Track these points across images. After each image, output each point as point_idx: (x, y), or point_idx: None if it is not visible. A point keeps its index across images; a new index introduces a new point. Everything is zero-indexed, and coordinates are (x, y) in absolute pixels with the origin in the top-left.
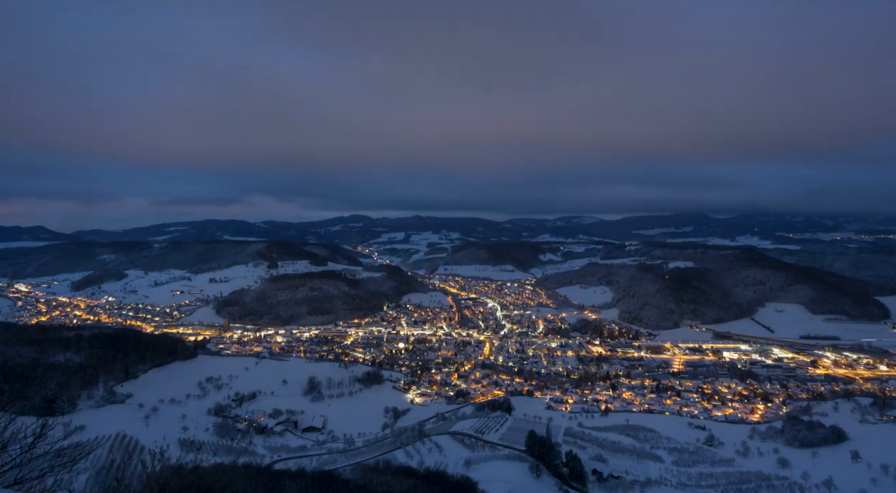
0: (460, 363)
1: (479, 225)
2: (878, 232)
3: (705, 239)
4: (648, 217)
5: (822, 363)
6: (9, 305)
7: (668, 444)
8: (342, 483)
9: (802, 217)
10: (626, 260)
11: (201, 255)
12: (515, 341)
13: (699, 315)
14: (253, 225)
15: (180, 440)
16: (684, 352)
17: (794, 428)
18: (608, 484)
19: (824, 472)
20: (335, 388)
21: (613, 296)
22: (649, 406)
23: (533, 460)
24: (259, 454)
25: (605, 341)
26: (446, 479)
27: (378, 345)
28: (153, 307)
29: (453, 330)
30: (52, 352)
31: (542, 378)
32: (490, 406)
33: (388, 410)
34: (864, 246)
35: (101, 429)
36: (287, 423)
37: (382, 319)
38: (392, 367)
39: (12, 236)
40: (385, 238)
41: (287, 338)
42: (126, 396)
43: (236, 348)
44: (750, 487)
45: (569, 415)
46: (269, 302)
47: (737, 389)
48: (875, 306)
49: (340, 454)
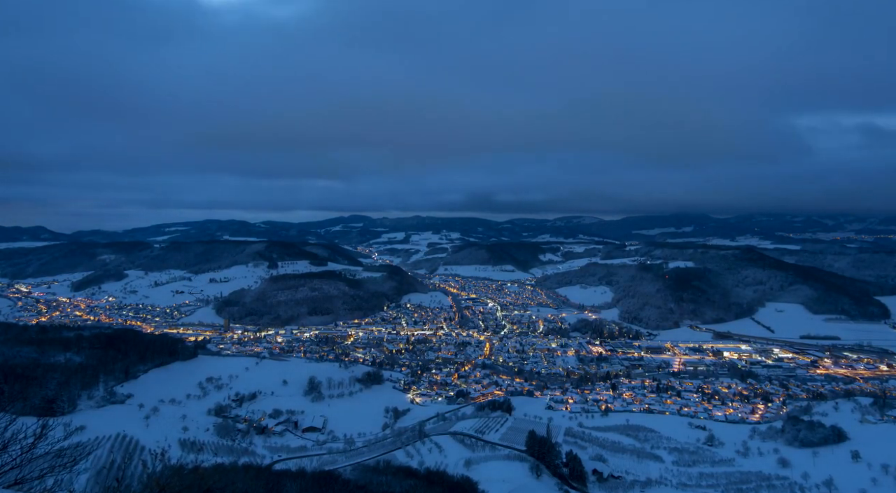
0: (460, 364)
1: (479, 225)
2: (878, 232)
3: (705, 239)
4: (648, 217)
5: (823, 363)
6: (9, 305)
7: (669, 444)
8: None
9: (803, 217)
10: (626, 260)
11: (201, 255)
12: (515, 342)
13: (699, 315)
14: (253, 225)
15: (180, 440)
16: (684, 352)
17: (795, 428)
18: (608, 484)
19: (824, 472)
20: (335, 388)
21: (613, 296)
22: (649, 406)
23: (533, 460)
24: (259, 455)
25: (605, 341)
26: (446, 479)
27: (378, 345)
28: (153, 308)
29: (453, 330)
30: (53, 352)
31: (542, 378)
32: (490, 406)
33: (389, 410)
34: (864, 246)
35: (101, 429)
36: (287, 423)
37: (382, 319)
38: (392, 367)
39: (12, 236)
40: (385, 238)
41: (287, 338)
42: (126, 396)
43: (236, 349)
44: (750, 487)
45: (569, 415)
46: (270, 302)
47: (737, 389)
48: (875, 305)
49: (341, 454)
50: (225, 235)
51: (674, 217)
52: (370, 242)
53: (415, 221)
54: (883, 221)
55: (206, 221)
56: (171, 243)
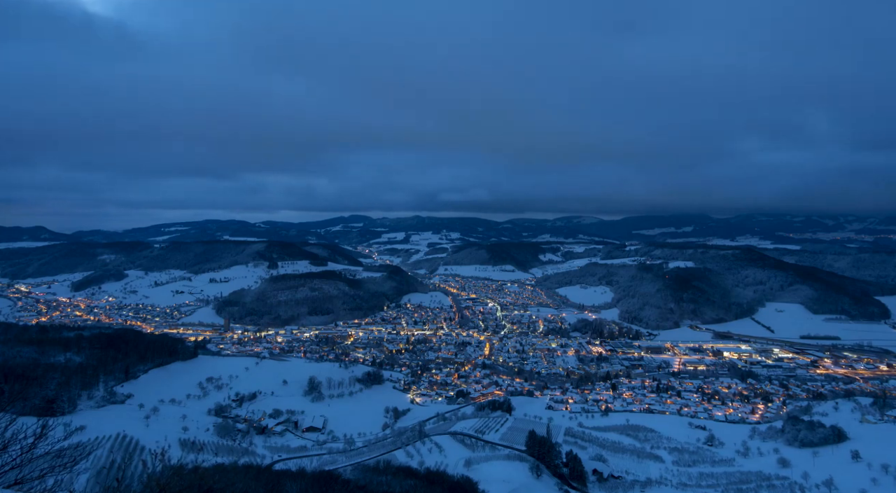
0: (460, 364)
1: (479, 225)
2: (878, 232)
3: (705, 239)
4: (648, 217)
5: (823, 363)
6: (9, 305)
7: (669, 444)
8: (342, 483)
9: (803, 217)
10: (626, 260)
11: (201, 255)
12: (515, 342)
13: (699, 315)
14: (253, 225)
15: (181, 440)
16: (684, 352)
17: (795, 428)
18: (608, 484)
19: (824, 472)
20: (335, 388)
21: (613, 296)
22: (649, 406)
23: (533, 460)
24: (259, 455)
25: (605, 341)
26: (446, 479)
27: (378, 345)
28: (153, 308)
29: (453, 330)
30: (53, 352)
31: (542, 378)
32: (490, 406)
33: (389, 410)
34: (864, 246)
35: (101, 429)
36: (287, 423)
37: (383, 319)
38: (392, 367)
39: (12, 236)
40: (385, 238)
41: (287, 338)
42: (126, 396)
43: (236, 349)
44: (750, 487)
45: (569, 415)
46: (270, 302)
47: (737, 389)
48: (875, 305)
49: (341, 454)
50: (225, 236)
51: (674, 217)
52: (370, 242)
53: (415, 221)
54: (883, 221)
55: (206, 221)
56: (171, 243)
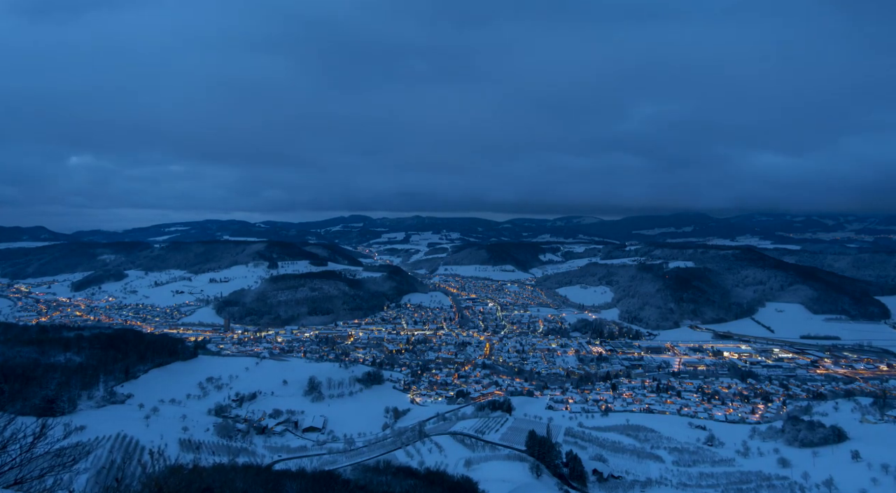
0: (460, 364)
1: (479, 225)
2: (878, 232)
3: (705, 239)
4: (648, 217)
5: (823, 363)
6: (9, 305)
7: (669, 444)
8: (342, 483)
9: (803, 217)
10: (626, 260)
11: (201, 255)
12: (515, 342)
13: (699, 315)
14: (253, 225)
15: (180, 440)
16: (684, 352)
17: (795, 428)
18: (608, 484)
19: (825, 472)
20: (335, 388)
21: (613, 296)
22: (649, 406)
23: (533, 460)
24: (259, 455)
25: (605, 341)
26: (446, 479)
27: (378, 345)
28: (153, 307)
29: (453, 330)
30: (53, 352)
31: (542, 378)
32: (490, 406)
33: (389, 410)
34: (864, 246)
35: (101, 429)
36: (287, 423)
37: (383, 319)
38: (392, 367)
39: (12, 236)
40: (385, 238)
41: (287, 338)
42: (126, 396)
43: (236, 349)
44: (750, 487)
45: (569, 415)
46: (270, 302)
47: (737, 389)
48: (875, 305)
49: (341, 454)
50: (225, 236)
51: (674, 217)
52: (370, 242)
53: (415, 221)
54: (883, 221)
55: (206, 221)
56: (171, 243)
